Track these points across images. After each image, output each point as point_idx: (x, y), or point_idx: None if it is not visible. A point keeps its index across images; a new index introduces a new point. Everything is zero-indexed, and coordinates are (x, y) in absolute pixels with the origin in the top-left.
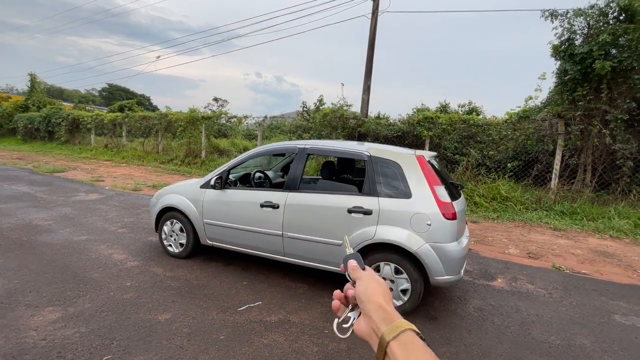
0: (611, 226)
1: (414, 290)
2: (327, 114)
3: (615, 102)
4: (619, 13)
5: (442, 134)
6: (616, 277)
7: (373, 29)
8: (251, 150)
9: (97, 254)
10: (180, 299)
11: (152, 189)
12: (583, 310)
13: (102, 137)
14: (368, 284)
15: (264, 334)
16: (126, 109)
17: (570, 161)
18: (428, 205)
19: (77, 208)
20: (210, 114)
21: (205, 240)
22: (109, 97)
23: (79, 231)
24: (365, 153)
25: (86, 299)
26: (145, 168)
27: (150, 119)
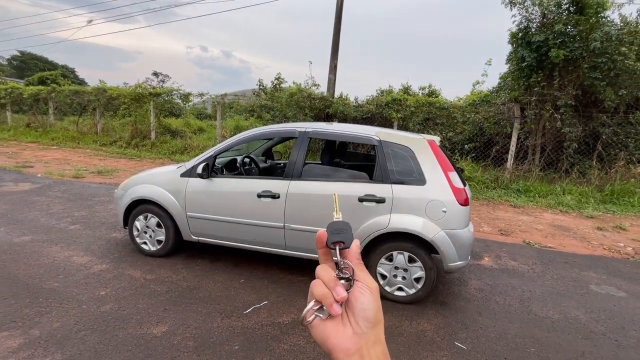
0: (559, 202)
1: (428, 278)
2: (294, 93)
3: (565, 89)
4: (571, 4)
5: (409, 116)
6: (577, 249)
7: (339, 4)
8: (242, 134)
9: (50, 257)
10: (173, 306)
11: (98, 175)
12: (565, 283)
13: (20, 114)
14: (378, 301)
15: (282, 338)
16: (49, 82)
17: (526, 143)
18: (443, 192)
19: (6, 201)
20: (160, 90)
21: (189, 235)
22: (21, 67)
23: (18, 230)
24: (375, 138)
25: (52, 316)
26: (83, 151)
27: (85, 95)
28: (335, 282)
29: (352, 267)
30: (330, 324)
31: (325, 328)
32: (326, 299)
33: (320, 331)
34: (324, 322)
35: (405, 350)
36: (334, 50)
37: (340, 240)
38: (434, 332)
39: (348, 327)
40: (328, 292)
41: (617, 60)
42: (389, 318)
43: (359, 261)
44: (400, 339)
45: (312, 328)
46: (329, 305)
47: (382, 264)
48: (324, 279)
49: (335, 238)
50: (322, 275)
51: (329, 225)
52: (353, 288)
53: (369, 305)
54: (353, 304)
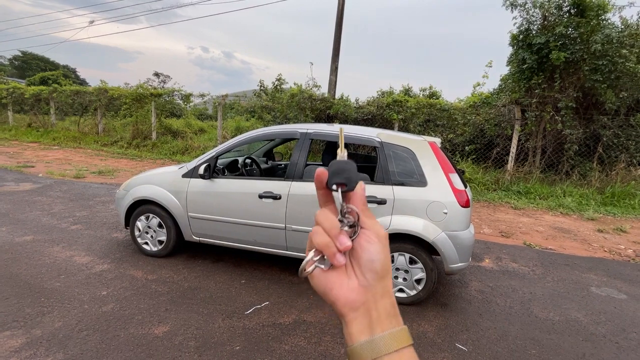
0: (560, 204)
1: (429, 279)
2: (295, 94)
3: (566, 91)
4: (572, 7)
5: (410, 117)
6: (577, 251)
7: (341, 7)
8: (243, 135)
9: (51, 257)
10: (174, 307)
11: (98, 175)
12: (565, 285)
13: (22, 114)
14: (387, 251)
15: (282, 338)
16: (51, 82)
17: (527, 145)
18: (444, 194)
19: (8, 201)
20: (162, 91)
21: (190, 236)
22: (22, 67)
23: (20, 230)
24: (376, 139)
25: (54, 316)
26: (84, 151)
27: (86, 95)
28: (338, 229)
29: (357, 212)
30: (333, 274)
31: (327, 278)
32: (328, 249)
33: (321, 281)
34: (326, 272)
35: None
36: (335, 51)
37: (342, 182)
38: (434, 334)
39: (353, 278)
40: (330, 240)
41: (617, 63)
42: None
43: (365, 206)
44: None
45: (313, 278)
46: (331, 255)
47: None
48: (324, 226)
49: (337, 179)
50: (322, 221)
51: (330, 164)
52: (359, 236)
53: (377, 255)
54: (359, 254)
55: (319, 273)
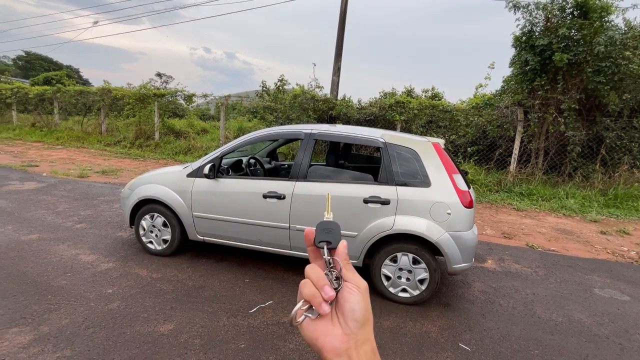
0: (562, 205)
1: (432, 280)
2: (297, 95)
3: (569, 93)
4: (575, 9)
5: (413, 118)
6: (580, 253)
7: (344, 7)
8: (248, 135)
9: (57, 255)
10: (179, 305)
11: (102, 175)
12: (568, 287)
13: (25, 114)
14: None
15: (287, 337)
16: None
17: (529, 146)
18: (448, 194)
19: (13, 200)
20: (164, 91)
21: (195, 235)
22: (26, 67)
23: (26, 228)
24: (380, 140)
25: (60, 313)
26: (88, 151)
27: (90, 95)
28: (323, 281)
29: (340, 266)
30: (320, 323)
31: (315, 328)
32: (315, 299)
33: (310, 331)
34: (314, 322)
35: (410, 350)
36: (338, 52)
37: (327, 240)
38: (438, 333)
39: (337, 326)
40: (317, 291)
41: (621, 65)
42: (393, 319)
43: (347, 261)
44: (405, 340)
45: (302, 328)
46: (317, 305)
47: (386, 265)
48: (312, 278)
49: (323, 237)
50: (310, 274)
51: (318, 224)
52: (342, 288)
53: (358, 305)
54: (342, 305)
55: (308, 323)
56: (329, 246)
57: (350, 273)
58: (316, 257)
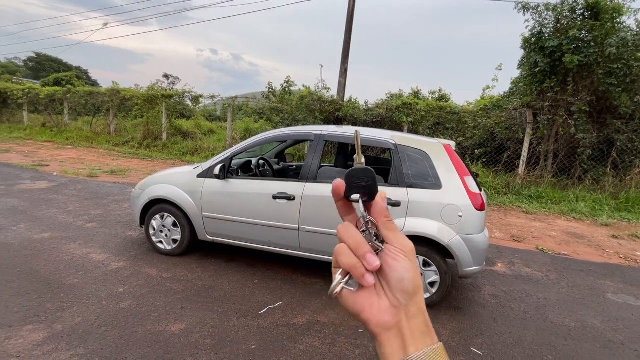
0: (572, 209)
1: (443, 282)
2: (304, 96)
3: (580, 95)
4: (586, 10)
5: (420, 120)
6: (592, 257)
7: (351, 8)
8: (258, 136)
9: (69, 254)
10: (189, 305)
11: (111, 175)
12: (580, 291)
13: (36, 114)
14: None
15: (297, 338)
16: (65, 83)
17: (539, 149)
18: (459, 197)
19: (25, 199)
20: (172, 92)
21: (204, 235)
22: (36, 68)
23: (38, 227)
24: (391, 141)
25: (73, 311)
26: (97, 151)
27: (99, 96)
28: (364, 248)
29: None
30: (363, 294)
31: (357, 299)
32: (356, 270)
33: (351, 302)
34: (355, 292)
35: None
36: (345, 53)
37: (362, 191)
38: (449, 337)
39: (384, 297)
40: (357, 261)
41: (633, 66)
42: None
43: (388, 218)
44: None
45: (342, 298)
46: (359, 277)
47: None
48: (350, 244)
49: (355, 189)
50: (346, 237)
51: (348, 173)
52: (385, 254)
53: (406, 274)
54: (387, 273)
55: (348, 294)
56: (364, 199)
57: (392, 233)
58: (347, 212)
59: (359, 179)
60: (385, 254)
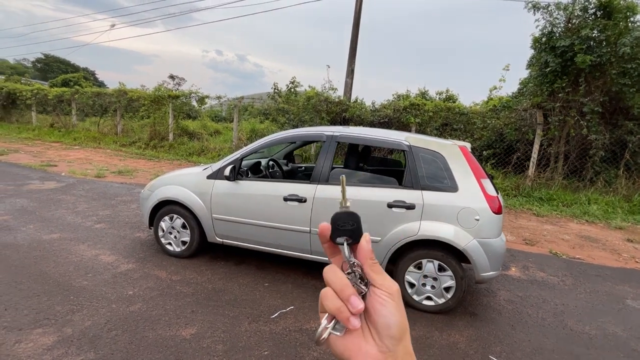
0: (585, 211)
1: (458, 288)
2: (311, 97)
3: (592, 95)
4: (598, 9)
5: (428, 121)
6: (607, 262)
7: (358, 8)
8: (268, 137)
9: (78, 256)
10: (200, 309)
11: (118, 175)
12: (599, 297)
13: (44, 115)
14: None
15: (310, 345)
16: (72, 84)
17: (549, 150)
18: (476, 199)
19: (34, 199)
20: (179, 93)
21: (214, 237)
22: (44, 69)
23: (47, 228)
24: (405, 143)
25: (83, 314)
26: (104, 151)
27: (106, 97)
28: (348, 290)
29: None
30: (350, 338)
31: (345, 344)
32: (341, 313)
33: (339, 348)
34: (343, 337)
35: None
36: (352, 53)
37: (347, 235)
38: (466, 345)
39: (371, 342)
40: (342, 304)
41: None
42: (418, 328)
43: (373, 260)
44: (432, 351)
45: (330, 344)
46: (344, 320)
47: (410, 272)
48: (335, 287)
49: (341, 232)
50: (332, 280)
51: (333, 216)
52: (371, 297)
53: (393, 318)
54: (374, 319)
55: (335, 339)
56: (349, 242)
57: (378, 275)
58: (334, 253)
59: (344, 222)
60: (372, 297)
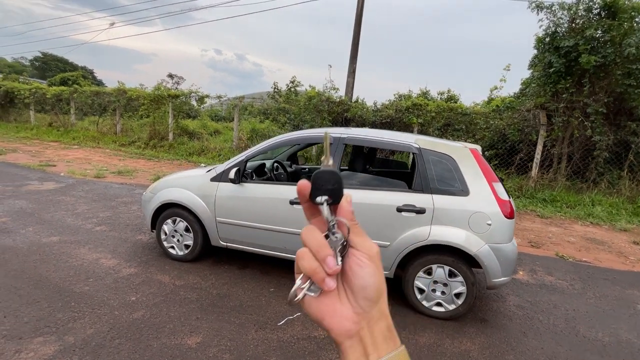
0: (589, 213)
1: (469, 294)
2: (312, 97)
3: (597, 96)
4: (602, 9)
5: (430, 121)
6: (614, 264)
7: (360, 6)
8: (274, 139)
9: (79, 259)
10: (205, 315)
11: (118, 175)
12: (609, 302)
13: (43, 114)
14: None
15: (319, 353)
16: (71, 83)
17: (552, 151)
18: (488, 204)
19: (33, 200)
20: (179, 92)
21: (217, 241)
22: (43, 67)
23: (46, 230)
24: (414, 145)
25: (85, 322)
26: (103, 151)
27: (105, 96)
28: (325, 251)
29: (347, 226)
30: (325, 300)
31: (319, 306)
32: (316, 274)
33: (314, 309)
34: (317, 298)
35: None
36: (353, 53)
37: (327, 194)
38: (478, 353)
39: (346, 303)
40: (317, 265)
41: None
42: (429, 335)
43: (354, 221)
44: (444, 359)
45: (305, 305)
46: (320, 281)
47: (419, 277)
48: (311, 246)
49: (320, 191)
50: (308, 240)
51: (314, 174)
52: (349, 258)
53: (370, 280)
54: (350, 279)
55: (310, 300)
56: (330, 202)
57: (358, 237)
58: (313, 214)
59: (325, 181)
60: (350, 259)
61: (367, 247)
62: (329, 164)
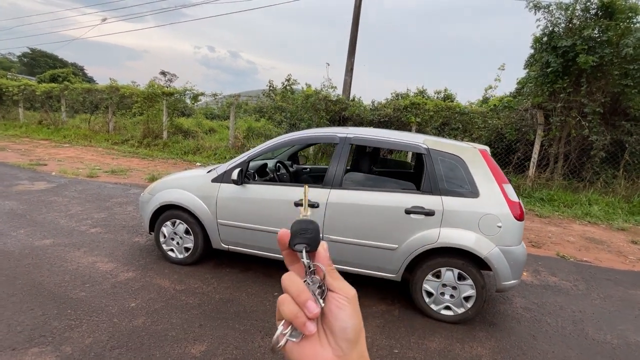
0: (586, 212)
1: (479, 297)
2: (310, 95)
3: (594, 96)
4: (600, 9)
5: (428, 120)
6: (615, 264)
7: (358, 3)
8: (277, 139)
9: (74, 263)
10: (208, 322)
11: (112, 175)
12: (614, 303)
13: (32, 111)
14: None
15: None
16: (61, 79)
17: (549, 150)
18: (498, 205)
19: (24, 201)
20: (173, 90)
21: (219, 243)
22: (31, 64)
23: (39, 233)
24: (422, 145)
25: (83, 330)
26: (95, 150)
27: (97, 93)
28: (305, 295)
29: (323, 271)
30: (307, 345)
31: (301, 350)
32: (297, 319)
33: (295, 355)
34: (299, 344)
35: None
36: (351, 50)
37: (305, 242)
38: (490, 358)
39: (327, 347)
40: (298, 309)
41: None
42: (438, 339)
43: (331, 266)
44: None
45: (286, 352)
46: (300, 326)
47: (428, 280)
48: (291, 292)
49: (299, 239)
50: (288, 286)
51: (293, 224)
52: (329, 301)
53: (349, 322)
54: (330, 322)
55: (292, 346)
56: (308, 249)
57: (335, 281)
58: (292, 261)
59: (304, 230)
60: (330, 302)
61: (345, 290)
62: (307, 215)
